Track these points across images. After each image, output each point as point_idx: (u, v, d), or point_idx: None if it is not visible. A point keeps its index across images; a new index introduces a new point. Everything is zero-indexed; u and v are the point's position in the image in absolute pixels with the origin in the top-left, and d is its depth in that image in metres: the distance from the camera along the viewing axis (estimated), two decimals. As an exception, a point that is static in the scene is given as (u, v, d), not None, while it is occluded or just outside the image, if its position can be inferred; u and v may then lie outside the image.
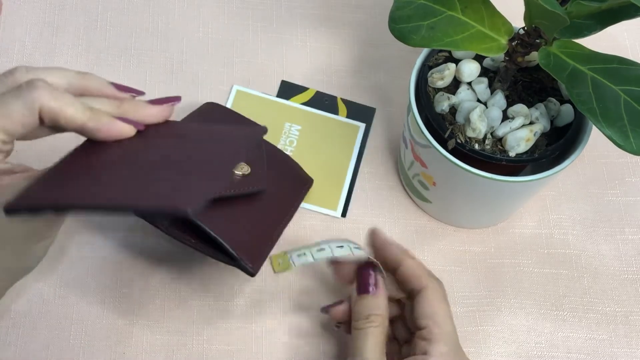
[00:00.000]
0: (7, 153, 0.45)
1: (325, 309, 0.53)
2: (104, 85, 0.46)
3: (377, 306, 0.49)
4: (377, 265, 0.51)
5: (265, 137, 0.60)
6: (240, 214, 0.53)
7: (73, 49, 0.67)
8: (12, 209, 0.40)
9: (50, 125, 0.43)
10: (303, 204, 0.61)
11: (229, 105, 0.65)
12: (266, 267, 0.58)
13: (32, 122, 0.42)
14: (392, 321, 0.52)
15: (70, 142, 0.45)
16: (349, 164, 0.64)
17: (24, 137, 0.44)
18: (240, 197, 0.54)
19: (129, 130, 0.44)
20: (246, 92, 0.66)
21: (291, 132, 0.65)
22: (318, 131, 0.65)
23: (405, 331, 0.52)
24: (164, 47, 0.68)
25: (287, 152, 0.63)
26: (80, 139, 0.44)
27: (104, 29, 0.68)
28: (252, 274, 0.52)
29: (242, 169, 0.54)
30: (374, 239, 0.52)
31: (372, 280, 0.50)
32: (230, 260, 0.51)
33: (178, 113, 0.64)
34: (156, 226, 0.52)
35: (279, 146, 0.63)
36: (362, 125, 0.66)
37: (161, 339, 0.56)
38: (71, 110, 0.43)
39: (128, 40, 0.68)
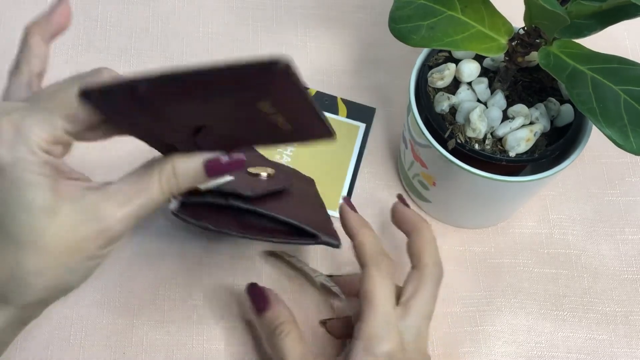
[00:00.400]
0: (67, 147, 0.41)
1: (322, 323, 0.56)
2: None
3: (278, 316, 0.50)
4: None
5: None
6: (295, 205, 0.55)
7: (73, 49, 0.67)
8: (87, 91, 0.37)
9: None
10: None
11: None
12: (261, 269, 0.59)
13: None
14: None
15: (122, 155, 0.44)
16: (349, 164, 0.64)
17: (86, 134, 0.41)
18: (282, 194, 0.55)
19: None
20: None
21: None
22: None
23: None
24: (164, 47, 0.68)
25: (287, 152, 0.63)
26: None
27: (104, 29, 0.68)
28: (338, 246, 0.52)
29: (267, 171, 0.55)
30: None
31: (263, 299, 0.51)
32: (312, 239, 0.52)
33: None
34: (226, 233, 0.51)
35: (280, 147, 0.63)
36: (362, 126, 0.66)
37: (161, 338, 0.56)
38: None
39: (128, 40, 0.68)
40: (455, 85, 0.55)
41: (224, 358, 0.56)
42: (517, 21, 0.51)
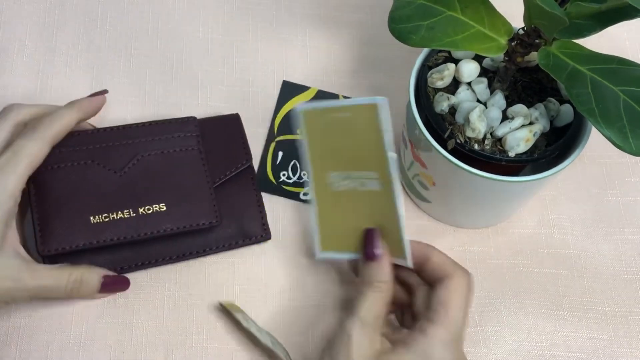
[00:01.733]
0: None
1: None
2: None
3: (381, 274, 0.50)
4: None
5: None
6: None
7: (73, 49, 0.67)
8: None
9: None
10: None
11: None
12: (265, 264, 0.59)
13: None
14: (402, 309, 0.53)
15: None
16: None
17: None
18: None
19: None
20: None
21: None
22: None
23: (412, 320, 0.52)
24: (164, 47, 0.68)
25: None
26: None
27: (104, 29, 0.68)
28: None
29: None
30: None
31: (377, 246, 0.50)
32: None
33: (182, 110, 0.64)
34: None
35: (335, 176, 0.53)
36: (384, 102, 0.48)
37: (160, 338, 0.56)
38: None
39: (128, 40, 0.68)
40: (454, 85, 0.55)
41: (223, 357, 0.56)
42: (517, 21, 0.51)
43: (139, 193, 0.56)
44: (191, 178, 0.58)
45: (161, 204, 0.56)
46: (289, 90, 0.67)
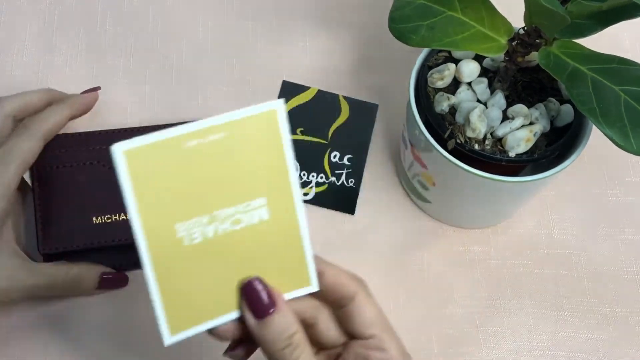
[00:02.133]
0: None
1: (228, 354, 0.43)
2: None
3: (289, 323, 0.39)
4: None
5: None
6: None
7: (73, 49, 0.67)
8: None
9: None
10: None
11: None
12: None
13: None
14: None
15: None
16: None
17: None
18: None
19: None
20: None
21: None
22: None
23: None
24: (164, 47, 0.68)
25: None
26: None
27: (104, 29, 0.68)
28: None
29: None
30: None
31: (264, 296, 0.39)
32: None
33: (181, 110, 0.64)
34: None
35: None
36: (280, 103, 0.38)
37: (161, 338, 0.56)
38: None
39: (128, 40, 0.68)
40: (455, 85, 0.55)
41: (223, 358, 0.56)
42: (517, 21, 0.51)
43: None
44: None
45: None
46: (289, 90, 0.67)
